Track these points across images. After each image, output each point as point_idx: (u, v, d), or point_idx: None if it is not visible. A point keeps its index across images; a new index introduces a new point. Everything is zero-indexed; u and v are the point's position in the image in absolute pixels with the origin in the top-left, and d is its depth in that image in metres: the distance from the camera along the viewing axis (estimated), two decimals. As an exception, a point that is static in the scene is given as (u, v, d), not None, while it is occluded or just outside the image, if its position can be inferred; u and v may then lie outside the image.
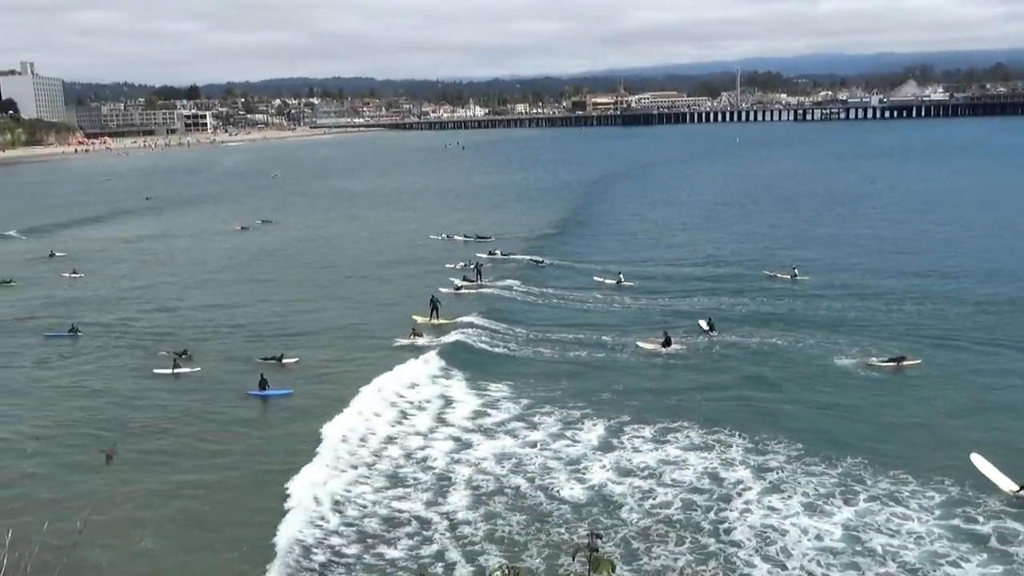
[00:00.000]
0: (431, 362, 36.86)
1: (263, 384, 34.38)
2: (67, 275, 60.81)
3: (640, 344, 38.76)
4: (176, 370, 37.26)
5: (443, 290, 49.64)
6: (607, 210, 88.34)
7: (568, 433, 29.21)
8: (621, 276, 51.80)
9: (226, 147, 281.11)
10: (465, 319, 43.83)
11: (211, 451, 29.00)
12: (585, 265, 57.59)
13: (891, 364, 34.86)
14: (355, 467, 27.12)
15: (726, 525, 22.97)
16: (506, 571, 5.66)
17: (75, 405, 34.04)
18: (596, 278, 52.60)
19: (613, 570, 5.50)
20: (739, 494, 24.57)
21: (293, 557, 21.97)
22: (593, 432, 29.14)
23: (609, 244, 67.26)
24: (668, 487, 25.13)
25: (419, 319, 43.65)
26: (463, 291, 50.73)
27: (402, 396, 33.18)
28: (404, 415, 31.34)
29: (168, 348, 40.13)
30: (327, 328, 44.09)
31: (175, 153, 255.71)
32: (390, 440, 29.12)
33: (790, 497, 24.26)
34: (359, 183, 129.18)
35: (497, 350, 38.80)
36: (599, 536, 5.88)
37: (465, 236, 70.77)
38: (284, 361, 37.78)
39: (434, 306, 44.33)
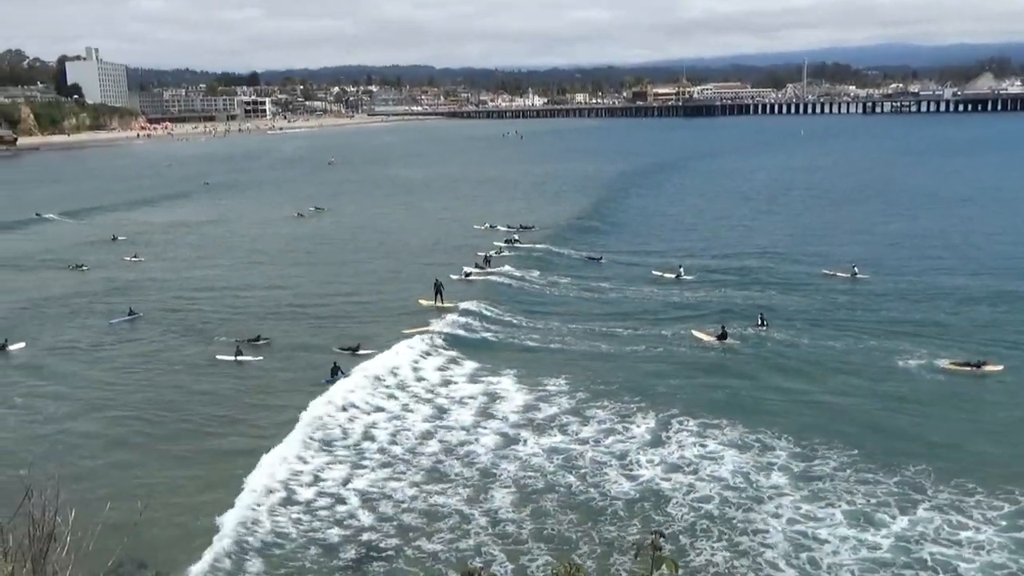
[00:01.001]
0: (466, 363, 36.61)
1: (335, 371, 34.64)
2: (128, 259, 62.44)
3: (695, 333, 39.14)
4: (239, 357, 37.69)
5: (452, 276, 51.07)
6: (666, 202, 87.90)
7: (620, 427, 29.37)
8: (681, 270, 51.68)
9: (284, 134, 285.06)
10: (505, 312, 44.06)
11: (263, 443, 29.03)
12: (642, 259, 57.63)
13: (969, 368, 33.50)
14: (423, 469, 26.71)
15: (758, 527, 22.63)
16: (568, 567, 5.77)
17: (136, 389, 34.87)
18: (655, 272, 52.55)
19: (677, 570, 5.58)
20: (773, 498, 24.07)
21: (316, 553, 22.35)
22: (644, 426, 29.20)
23: (669, 237, 67.06)
24: (708, 482, 25.14)
25: (424, 302, 45.28)
26: (473, 277, 51.99)
27: (448, 390, 33.39)
28: (442, 411, 31.34)
29: (238, 336, 40.45)
30: (385, 314, 44.85)
31: (234, 139, 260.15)
32: (428, 435, 29.15)
33: (833, 505, 23.58)
34: (416, 171, 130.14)
35: (554, 345, 38.79)
36: (663, 535, 5.96)
37: (508, 227, 71.20)
38: (359, 352, 37.71)
39: (438, 290, 45.63)
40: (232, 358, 37.86)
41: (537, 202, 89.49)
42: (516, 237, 65.43)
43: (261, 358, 38.11)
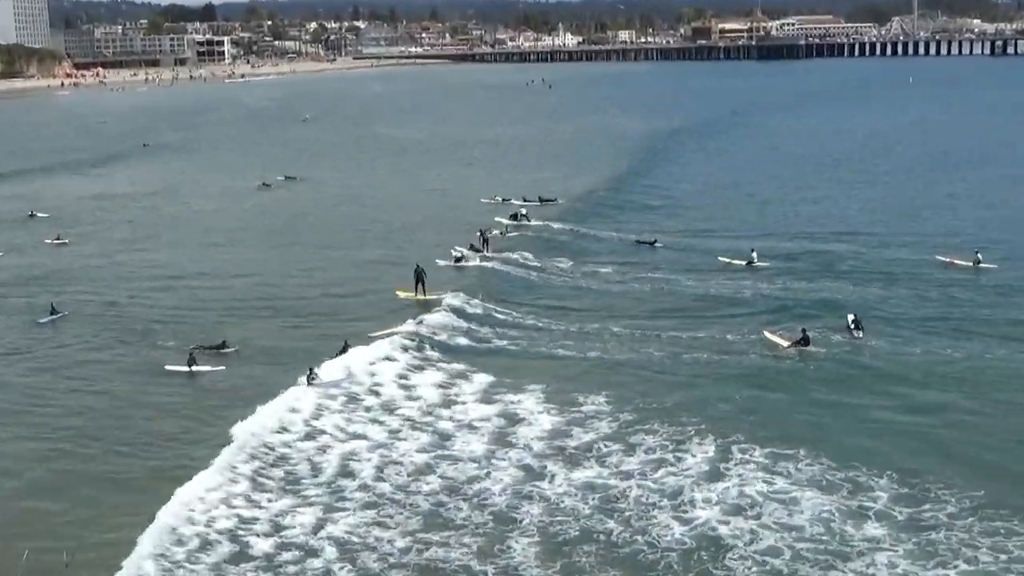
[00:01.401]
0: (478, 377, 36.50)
1: (312, 376, 35.04)
2: (50, 241, 62.75)
3: (769, 337, 39.11)
4: (193, 367, 37.91)
5: (440, 262, 51.84)
6: (735, 169, 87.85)
7: (672, 456, 29.23)
8: (754, 254, 52.15)
9: (247, 82, 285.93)
10: (523, 304, 44.53)
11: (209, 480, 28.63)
12: (705, 241, 57.99)
13: None
14: (420, 513, 26.40)
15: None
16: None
17: (63, 411, 34.44)
18: (721, 258, 53.07)
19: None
20: (865, 553, 23.62)
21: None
22: (701, 455, 29.17)
23: (738, 213, 66.88)
24: (778, 530, 24.63)
25: (402, 294, 46.55)
26: (464, 263, 52.77)
27: (452, 411, 33.26)
28: (443, 437, 31.12)
29: (194, 340, 40.61)
30: (370, 310, 45.07)
31: (184, 89, 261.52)
32: (425, 469, 28.86)
33: (948, 563, 23.10)
34: (413, 131, 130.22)
35: (592, 353, 38.60)
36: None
37: (525, 200, 71.17)
38: (350, 350, 38.45)
39: (419, 278, 46.61)
40: (185, 368, 38.02)
41: (566, 169, 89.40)
42: (524, 212, 65.88)
43: (222, 368, 38.31)
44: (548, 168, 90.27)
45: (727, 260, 52.39)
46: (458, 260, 53.22)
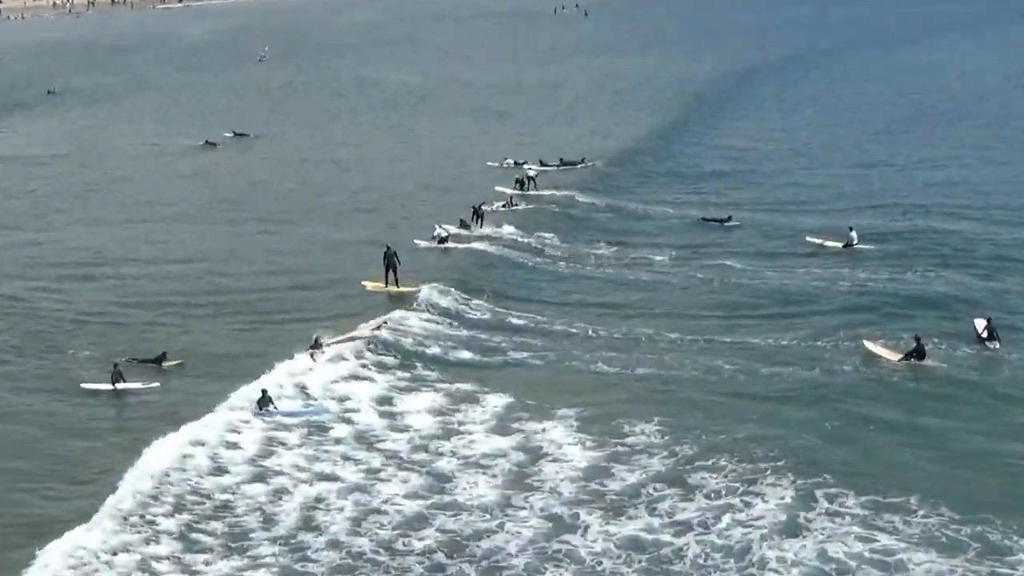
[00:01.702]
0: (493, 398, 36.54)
1: (264, 403, 34.96)
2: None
3: (869, 346, 38.86)
4: (119, 385, 37.90)
5: (419, 241, 53.12)
6: (824, 122, 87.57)
7: (739, 502, 28.81)
8: (853, 234, 52.24)
9: (187, 8, 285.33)
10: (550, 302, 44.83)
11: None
12: (787, 217, 58.25)
13: None
14: None
15: None
16: None
17: None
18: (810, 238, 53.19)
19: None
20: None
21: None
22: (775, 501, 28.70)
23: (829, 181, 67.10)
24: None
25: (369, 286, 47.65)
26: (451, 244, 53.80)
27: (453, 444, 33.08)
28: (441, 479, 30.96)
29: (121, 350, 40.60)
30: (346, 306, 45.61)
31: (104, 17, 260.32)
32: (418, 521, 28.65)
33: None
34: (404, 72, 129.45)
35: (641, 369, 38.49)
36: None
37: (542, 163, 71.64)
38: (315, 355, 39.05)
39: (390, 265, 47.51)
40: (107, 386, 37.94)
41: (602, 122, 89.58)
42: (532, 175, 66.55)
43: (155, 385, 38.30)
44: (579, 121, 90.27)
45: (818, 242, 52.55)
46: (442, 241, 53.94)
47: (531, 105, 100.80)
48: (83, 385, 38.30)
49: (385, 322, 42.25)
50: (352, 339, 40.76)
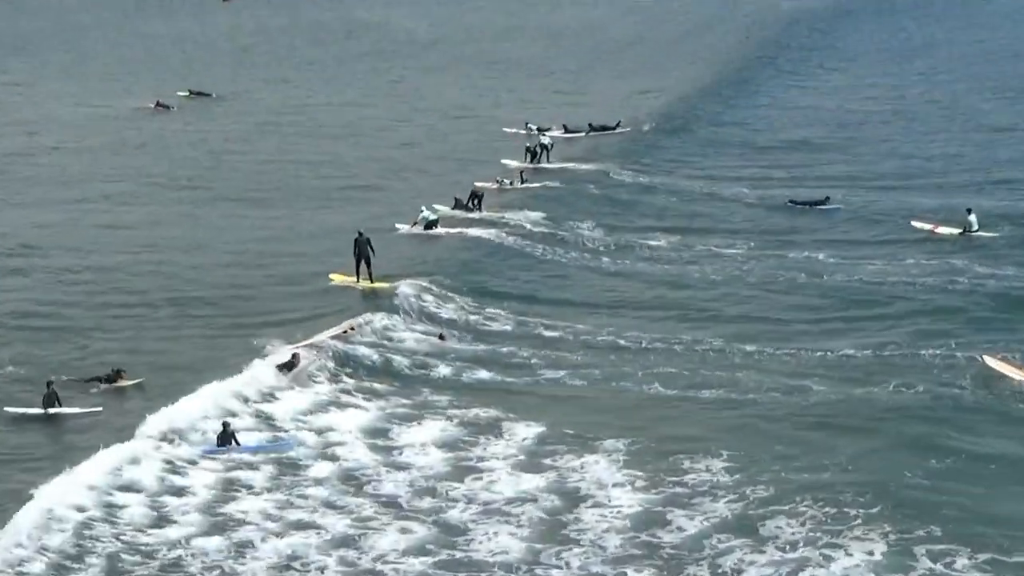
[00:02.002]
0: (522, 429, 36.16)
1: (226, 439, 34.37)
2: None
3: (990, 363, 38.17)
4: (51, 409, 37.67)
5: (400, 226, 54.34)
6: (938, 79, 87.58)
7: (820, 556, 28.04)
8: (972, 218, 52.40)
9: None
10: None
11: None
12: (890, 198, 58.50)
13: None
14: None
15: None
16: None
17: None
18: (917, 224, 53.86)
19: None
20: None
21: None
22: (862, 554, 28.05)
23: (944, 151, 68.25)
24: None
25: (337, 278, 48.67)
26: (438, 230, 55.21)
27: (467, 487, 33.02)
28: (452, 531, 30.45)
29: (59, 368, 40.60)
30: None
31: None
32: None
33: None
34: (408, 17, 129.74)
35: (706, 391, 38.55)
36: None
37: (566, 130, 72.76)
38: (286, 372, 38.88)
39: (362, 256, 48.42)
40: (38, 410, 37.70)
41: (652, 76, 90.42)
42: (546, 143, 67.49)
43: (97, 409, 37.64)
44: (619, 76, 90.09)
45: (928, 228, 53.10)
46: (429, 226, 54.35)
47: (565, 55, 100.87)
48: (6, 409, 37.48)
49: (352, 328, 42.33)
50: (310, 347, 40.75)
